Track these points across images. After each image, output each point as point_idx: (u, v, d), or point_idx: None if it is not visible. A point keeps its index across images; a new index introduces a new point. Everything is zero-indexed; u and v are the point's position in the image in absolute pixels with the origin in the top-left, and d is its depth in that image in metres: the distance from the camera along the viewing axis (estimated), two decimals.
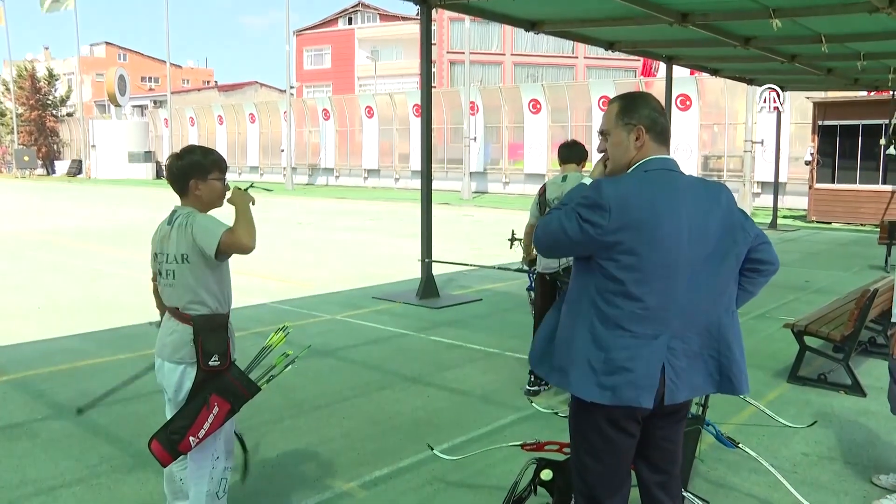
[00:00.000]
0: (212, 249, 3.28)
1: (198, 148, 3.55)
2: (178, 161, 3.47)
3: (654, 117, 2.74)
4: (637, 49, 13.97)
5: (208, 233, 3.30)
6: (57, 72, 60.45)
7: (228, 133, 44.19)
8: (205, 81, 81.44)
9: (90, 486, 4.25)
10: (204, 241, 3.30)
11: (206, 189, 3.45)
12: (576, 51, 52.74)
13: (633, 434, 2.75)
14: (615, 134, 2.76)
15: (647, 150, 2.73)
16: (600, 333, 2.63)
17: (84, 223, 20.01)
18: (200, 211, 3.46)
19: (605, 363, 2.62)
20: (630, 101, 2.78)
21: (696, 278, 2.65)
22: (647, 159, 2.73)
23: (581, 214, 2.60)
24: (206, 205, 3.48)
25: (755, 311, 8.98)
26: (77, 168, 52.41)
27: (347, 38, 62.35)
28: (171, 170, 3.48)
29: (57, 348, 7.25)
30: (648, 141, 2.73)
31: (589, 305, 2.66)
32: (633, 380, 2.61)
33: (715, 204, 2.72)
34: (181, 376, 3.45)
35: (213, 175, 3.47)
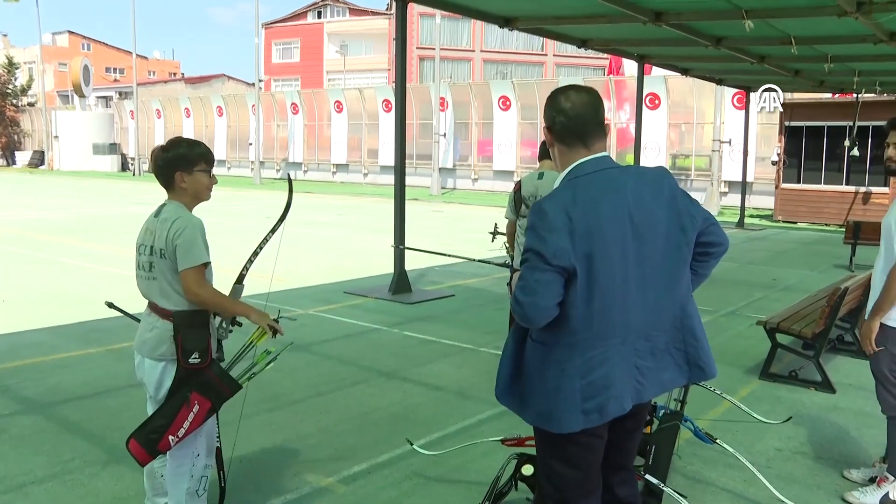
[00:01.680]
0: (181, 267, 3.28)
1: (184, 140, 3.51)
2: (164, 153, 3.42)
3: (553, 116, 2.67)
4: (609, 47, 14.06)
5: (187, 254, 3.29)
6: (17, 60, 59.19)
7: (196, 126, 43.66)
8: (171, 73, 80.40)
9: (63, 481, 4.17)
10: (182, 256, 3.28)
11: (191, 181, 3.42)
12: (545, 48, 52.97)
13: (604, 436, 2.74)
14: (546, 135, 2.75)
15: (559, 152, 2.70)
16: (574, 363, 2.58)
17: (48, 215, 19.65)
18: (188, 205, 3.42)
19: (585, 389, 2.58)
20: (547, 100, 2.73)
21: (654, 274, 2.61)
22: (575, 165, 2.64)
23: (547, 259, 2.49)
24: (193, 197, 3.44)
25: (725, 308, 9.10)
26: (39, 159, 51.44)
27: (317, 31, 61.94)
28: (157, 162, 3.43)
29: (23, 342, 7.10)
30: (555, 142, 2.70)
31: (554, 340, 2.60)
32: (615, 393, 2.59)
33: (659, 194, 2.64)
34: (161, 374, 3.41)
35: (200, 167, 3.43)
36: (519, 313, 2.55)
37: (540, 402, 2.64)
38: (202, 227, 3.35)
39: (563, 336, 2.58)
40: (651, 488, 3.88)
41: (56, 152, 48.57)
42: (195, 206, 3.47)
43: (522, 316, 2.54)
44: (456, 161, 33.71)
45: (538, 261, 2.50)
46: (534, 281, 2.51)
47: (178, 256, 3.28)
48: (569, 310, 2.53)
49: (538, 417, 2.67)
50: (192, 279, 3.28)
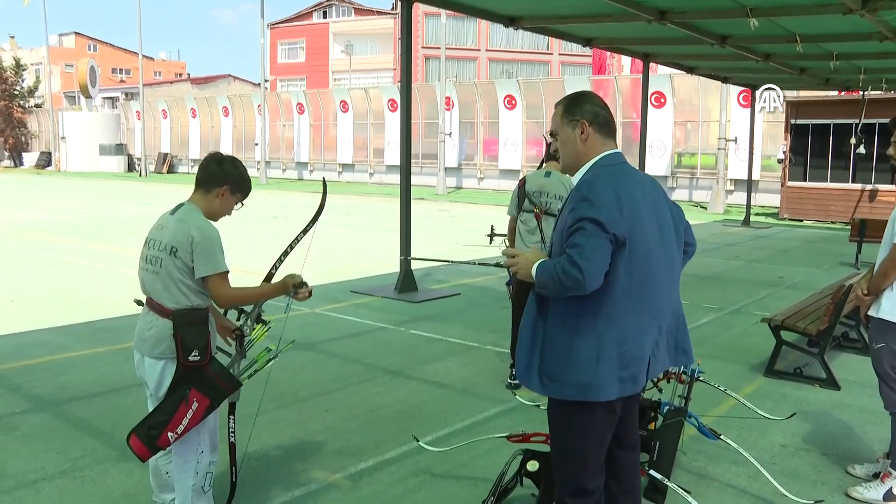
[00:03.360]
0: (199, 274, 3.37)
1: (243, 166, 3.67)
2: (229, 165, 3.57)
3: (595, 111, 2.91)
4: (614, 46, 14.07)
5: (208, 259, 3.37)
6: (24, 62, 59.40)
7: (202, 126, 43.75)
8: (177, 74, 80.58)
9: (73, 478, 4.21)
10: (200, 261, 3.36)
11: (224, 201, 3.55)
12: (550, 47, 52.96)
13: (619, 413, 2.93)
14: (562, 131, 2.94)
15: (594, 142, 2.91)
16: (612, 332, 2.75)
17: (55, 216, 19.73)
18: (205, 214, 3.48)
19: (621, 358, 2.77)
20: (573, 100, 2.96)
21: (668, 262, 2.93)
22: (604, 155, 2.90)
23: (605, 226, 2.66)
24: (213, 213, 3.55)
25: (730, 306, 9.11)
26: (46, 160, 51.59)
27: (322, 31, 62.02)
28: (218, 167, 3.53)
29: (32, 341, 7.16)
30: (592, 133, 2.90)
31: (592, 309, 2.74)
32: (644, 365, 2.83)
33: (660, 192, 3.00)
34: (162, 372, 3.45)
35: (238, 196, 3.59)
36: (575, 278, 2.63)
37: (578, 374, 2.75)
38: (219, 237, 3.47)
39: (603, 306, 2.73)
40: (655, 484, 3.90)
41: (63, 153, 48.71)
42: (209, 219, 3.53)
43: (578, 281, 2.63)
44: (461, 160, 33.71)
45: (595, 228, 2.65)
46: (591, 247, 2.64)
47: (197, 261, 3.36)
48: (612, 279, 2.71)
49: (578, 390, 2.76)
50: (220, 285, 3.41)
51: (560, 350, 2.78)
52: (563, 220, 2.81)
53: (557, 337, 2.79)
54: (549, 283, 2.71)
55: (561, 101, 3.00)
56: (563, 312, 2.78)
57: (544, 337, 2.82)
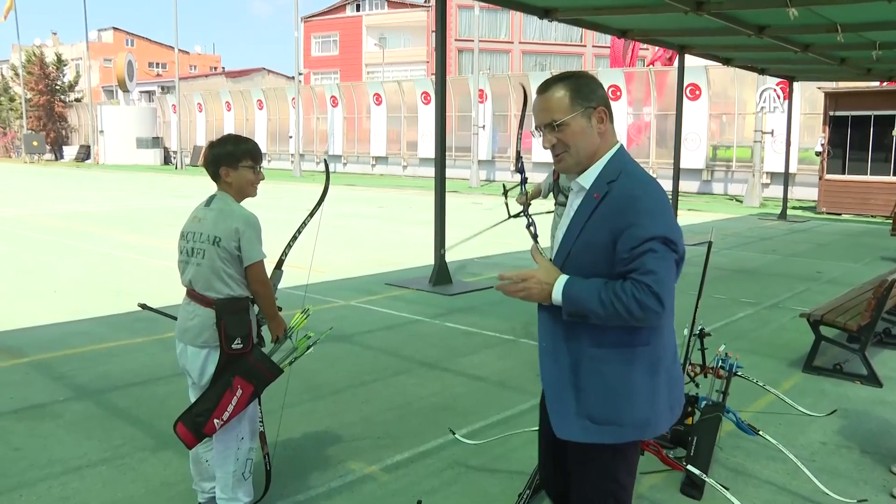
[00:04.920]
0: (247, 262, 3.44)
1: (232, 137, 3.63)
2: (212, 149, 3.55)
3: (607, 97, 2.49)
4: (649, 37, 13.93)
5: (253, 248, 3.45)
6: (65, 57, 60.41)
7: (236, 119, 44.16)
8: (212, 67, 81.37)
9: (115, 466, 4.29)
10: (246, 249, 3.43)
11: (236, 177, 3.52)
12: (584, 39, 52.59)
13: None
14: (574, 122, 2.41)
15: (609, 135, 2.47)
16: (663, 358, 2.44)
17: (93, 208, 20.07)
18: (237, 198, 3.52)
19: (669, 382, 2.48)
20: (584, 82, 2.45)
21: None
22: (619, 148, 2.48)
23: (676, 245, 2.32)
24: (238, 192, 3.55)
25: (767, 301, 9.00)
26: (85, 153, 52.48)
27: (355, 24, 62.22)
28: (206, 157, 3.56)
29: (74, 331, 7.30)
30: (609, 125, 2.47)
31: (647, 334, 2.39)
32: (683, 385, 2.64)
33: None
34: (205, 360, 3.49)
35: (245, 163, 3.53)
36: (653, 311, 2.24)
37: (636, 411, 2.38)
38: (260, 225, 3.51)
39: (655, 329, 2.40)
40: (693, 479, 3.88)
41: (101, 146, 49.51)
42: (241, 202, 3.56)
43: (656, 314, 2.25)
44: (495, 153, 33.64)
45: (666, 249, 2.29)
46: (666, 273, 2.27)
47: (243, 249, 3.41)
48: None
49: (638, 430, 2.42)
50: (260, 272, 3.48)
51: (615, 386, 2.37)
52: (607, 230, 2.33)
53: (609, 371, 2.37)
54: (598, 310, 2.27)
55: (561, 83, 2.44)
56: (615, 341, 2.36)
57: (584, 372, 2.39)
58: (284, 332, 3.67)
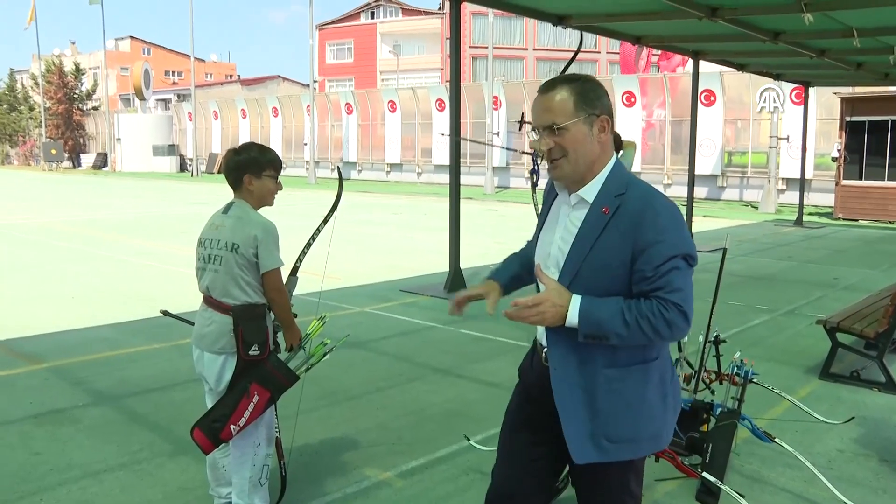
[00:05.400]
0: (264, 269, 3.47)
1: (255, 145, 3.66)
2: (236, 156, 3.57)
3: (610, 106, 2.38)
4: (663, 44, 13.92)
5: (271, 255, 3.48)
6: (83, 66, 61.01)
7: (251, 127, 44.40)
8: (227, 75, 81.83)
9: (133, 471, 4.33)
10: (264, 256, 3.45)
11: (258, 185, 3.55)
12: (598, 46, 52.54)
13: None
14: (575, 128, 2.28)
15: (609, 146, 2.36)
16: (667, 365, 2.43)
17: (111, 215, 20.24)
18: (254, 206, 3.55)
19: (673, 388, 2.45)
20: (590, 87, 2.32)
21: None
22: (616, 161, 2.38)
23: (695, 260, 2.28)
24: (258, 200, 3.58)
25: (783, 307, 8.96)
26: (102, 161, 52.91)
27: (370, 32, 62.45)
28: (228, 164, 3.58)
29: (92, 337, 7.37)
30: (609, 135, 2.35)
31: (658, 347, 2.37)
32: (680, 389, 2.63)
33: None
34: (222, 366, 3.52)
35: (268, 172, 3.57)
36: (681, 328, 2.21)
37: (650, 424, 2.35)
38: (277, 232, 3.54)
39: (664, 345, 2.38)
40: (708, 486, 3.87)
41: (118, 154, 49.90)
42: (258, 210, 3.60)
43: (683, 331, 2.22)
44: (510, 160, 33.65)
45: (687, 265, 2.24)
46: (690, 289, 2.23)
47: (261, 256, 3.44)
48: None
49: (652, 443, 2.39)
50: (277, 280, 3.51)
51: (632, 404, 2.31)
52: (625, 248, 2.24)
53: (627, 390, 2.31)
54: (622, 331, 2.19)
55: (567, 86, 2.31)
56: (629, 360, 2.30)
57: (602, 394, 2.31)
58: (299, 343, 3.70)
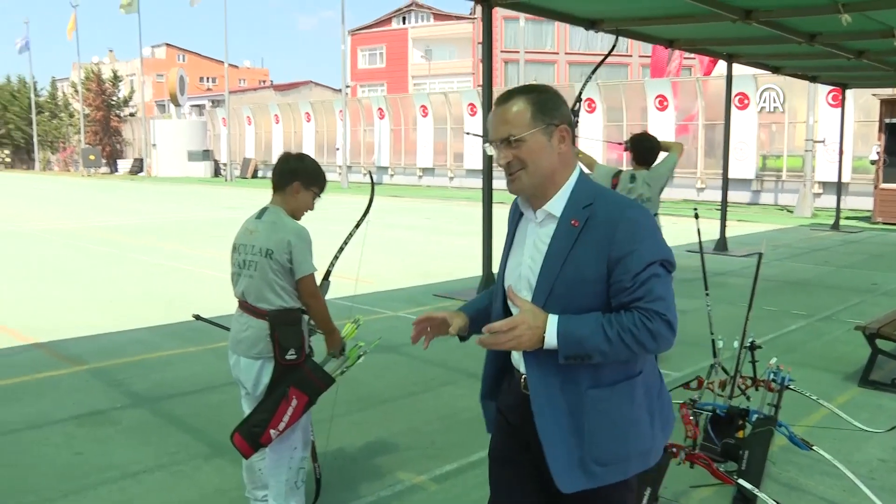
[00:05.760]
0: (298, 274, 3.51)
1: (313, 160, 3.75)
2: (295, 161, 3.66)
3: (570, 115, 2.30)
4: (696, 47, 13.79)
5: (305, 261, 3.52)
6: (120, 73, 62.05)
7: (285, 132, 44.77)
8: (261, 81, 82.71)
9: (171, 472, 4.40)
10: (298, 262, 3.50)
11: (302, 196, 3.63)
12: (630, 49, 52.24)
13: None
14: (533, 138, 2.19)
15: (569, 157, 2.26)
16: (655, 377, 2.32)
17: (146, 219, 20.54)
18: (289, 213, 3.59)
19: (661, 399, 2.35)
20: (548, 97, 2.24)
21: None
22: (580, 173, 2.28)
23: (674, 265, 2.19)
24: (294, 210, 3.64)
25: (820, 313, 8.83)
26: (139, 166, 53.70)
27: (401, 37, 62.71)
28: (284, 165, 3.65)
29: (129, 340, 7.49)
30: (570, 146, 2.27)
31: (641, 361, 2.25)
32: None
33: None
34: (259, 371, 3.56)
35: (314, 188, 3.67)
36: (667, 340, 2.10)
37: (640, 442, 2.25)
38: (310, 238, 3.58)
39: (648, 359, 2.27)
40: (744, 493, 3.83)
41: (154, 159, 50.61)
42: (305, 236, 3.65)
43: (669, 342, 2.11)
44: None
45: (666, 272, 2.15)
46: (672, 297, 2.13)
47: (295, 261, 3.48)
48: None
49: (641, 460, 2.27)
50: (311, 285, 3.55)
51: (619, 423, 2.19)
52: (600, 260, 2.13)
53: (613, 409, 2.19)
54: (604, 347, 2.07)
55: (523, 95, 2.24)
56: (613, 378, 2.19)
57: (587, 415, 2.17)
58: (342, 348, 3.73)
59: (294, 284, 3.53)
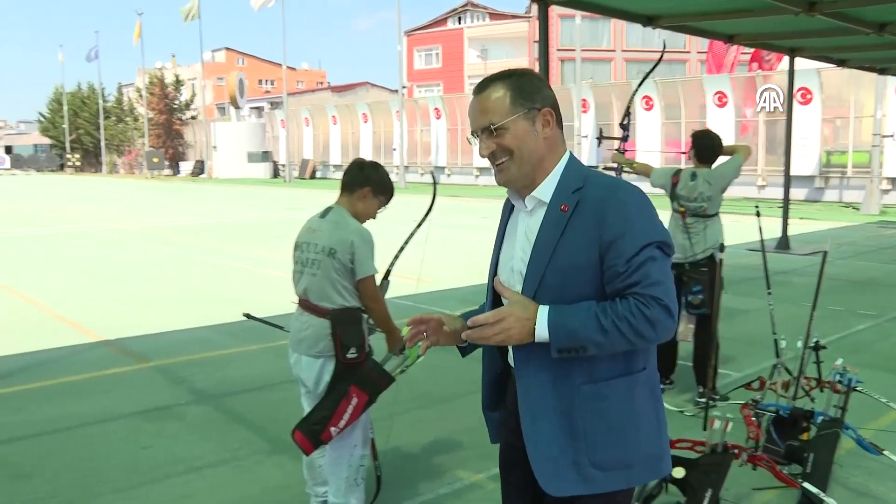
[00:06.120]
0: (359, 275, 3.55)
1: (386, 172, 3.81)
2: (370, 169, 3.72)
3: (554, 98, 2.16)
4: (757, 41, 13.51)
5: (366, 262, 3.56)
6: (182, 77, 63.56)
7: (342, 133, 45.27)
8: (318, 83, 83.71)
9: (233, 467, 4.50)
10: (360, 262, 3.54)
11: (369, 204, 3.69)
12: (688, 45, 51.39)
13: None
14: (514, 125, 2.07)
15: (556, 141, 2.13)
16: (655, 375, 2.16)
17: (208, 220, 20.98)
18: (352, 216, 3.64)
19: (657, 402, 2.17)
20: (527, 80, 2.13)
21: None
22: (570, 156, 2.16)
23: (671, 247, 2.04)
24: (357, 214, 3.69)
25: (889, 313, 8.58)
26: (200, 168, 54.91)
27: (457, 37, 62.78)
28: (358, 170, 3.70)
29: (192, 338, 7.68)
30: (556, 129, 2.13)
31: (643, 355, 2.10)
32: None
33: None
34: (320, 370, 3.60)
35: (381, 198, 3.73)
36: (666, 327, 1.95)
37: (646, 447, 2.08)
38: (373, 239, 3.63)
39: (649, 353, 2.12)
40: (810, 497, 3.75)
41: (215, 161, 51.67)
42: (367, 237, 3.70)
43: (668, 329, 1.96)
44: (598, 163, 33.26)
45: (663, 254, 1.99)
46: (670, 281, 1.98)
47: (356, 262, 3.52)
48: None
49: (649, 468, 2.11)
50: (371, 287, 3.60)
51: (618, 423, 2.03)
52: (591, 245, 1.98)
53: (610, 408, 2.03)
54: (599, 338, 1.92)
55: (502, 81, 2.12)
56: (610, 372, 2.03)
57: (581, 414, 2.02)
58: (403, 348, 3.75)
59: (355, 284, 3.57)
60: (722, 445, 3.65)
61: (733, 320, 7.98)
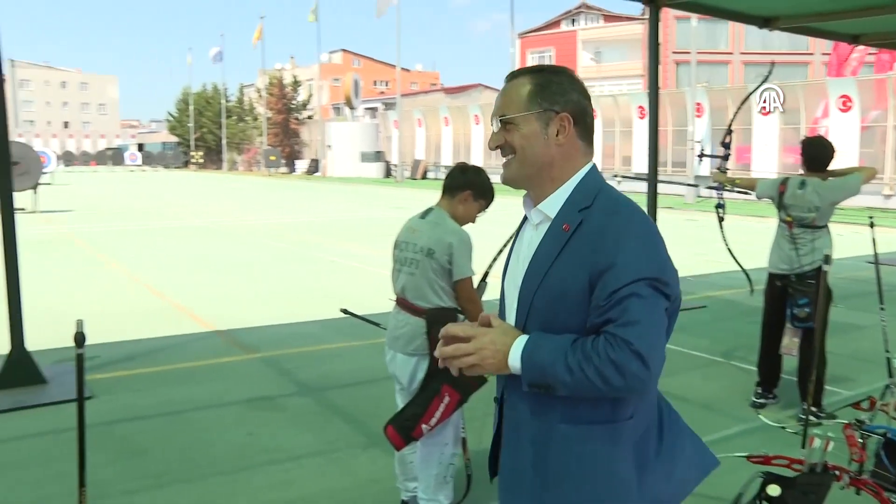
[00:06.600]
0: (456, 277, 3.61)
1: (488, 177, 3.87)
2: (472, 173, 3.79)
3: (584, 104, 1.94)
4: (886, 41, 12.83)
5: (464, 264, 3.61)
6: (300, 78, 65.69)
7: (454, 134, 45.65)
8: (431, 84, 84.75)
9: (329, 458, 4.66)
10: (457, 264, 3.60)
11: (470, 207, 3.75)
12: (811, 47, 49.19)
13: None
14: (524, 122, 1.91)
15: (573, 150, 1.92)
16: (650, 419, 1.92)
17: (321, 217, 21.61)
18: (452, 218, 3.72)
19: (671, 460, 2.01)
20: (556, 80, 1.94)
21: None
22: (590, 170, 1.95)
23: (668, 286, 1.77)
24: (460, 216, 3.75)
25: None
26: (314, 167, 56.56)
27: (570, 39, 62.26)
28: (461, 173, 3.78)
29: (298, 332, 7.96)
30: (574, 136, 1.92)
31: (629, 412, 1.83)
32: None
33: None
34: (415, 367, 3.69)
35: (481, 202, 3.79)
36: (635, 376, 1.66)
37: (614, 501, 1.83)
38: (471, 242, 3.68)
39: (643, 401, 1.86)
40: None
41: (329, 160, 53.10)
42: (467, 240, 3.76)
43: (640, 380, 1.66)
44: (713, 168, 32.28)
45: (657, 294, 1.74)
46: (652, 323, 1.71)
47: (454, 263, 3.59)
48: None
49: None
50: (468, 289, 3.65)
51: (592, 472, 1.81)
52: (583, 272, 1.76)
53: (585, 453, 1.81)
54: (566, 377, 1.69)
55: (527, 76, 1.95)
56: (591, 416, 1.80)
57: (553, 454, 1.83)
58: None
59: (452, 285, 3.64)
60: (822, 465, 3.52)
61: (846, 336, 7.65)
